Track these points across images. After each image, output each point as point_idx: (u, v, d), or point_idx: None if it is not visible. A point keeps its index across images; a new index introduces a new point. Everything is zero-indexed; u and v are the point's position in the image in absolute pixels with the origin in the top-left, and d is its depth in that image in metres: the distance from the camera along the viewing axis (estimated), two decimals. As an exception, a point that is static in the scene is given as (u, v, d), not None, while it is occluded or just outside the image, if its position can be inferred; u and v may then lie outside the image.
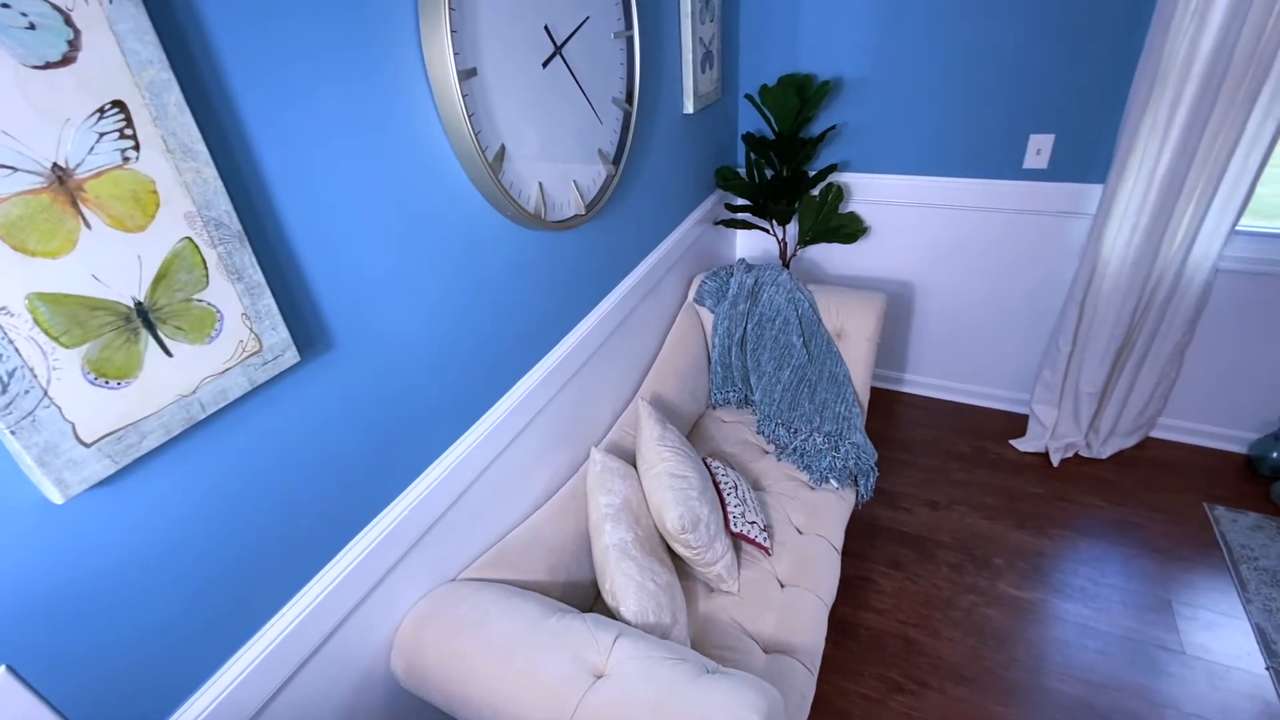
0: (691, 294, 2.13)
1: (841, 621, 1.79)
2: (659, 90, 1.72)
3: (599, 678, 0.96)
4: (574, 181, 1.33)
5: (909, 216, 2.31)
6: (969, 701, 1.57)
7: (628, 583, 1.18)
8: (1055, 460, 2.25)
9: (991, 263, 2.27)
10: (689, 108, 1.89)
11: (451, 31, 0.92)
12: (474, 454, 1.16)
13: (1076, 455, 2.28)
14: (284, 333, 0.76)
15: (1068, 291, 2.10)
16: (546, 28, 1.17)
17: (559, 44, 1.20)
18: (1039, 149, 2.01)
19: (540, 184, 1.21)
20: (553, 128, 1.23)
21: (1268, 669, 1.58)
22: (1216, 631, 1.68)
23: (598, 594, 1.40)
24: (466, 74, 0.97)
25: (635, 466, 1.50)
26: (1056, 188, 2.04)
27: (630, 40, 1.45)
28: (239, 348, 0.72)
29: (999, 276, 2.28)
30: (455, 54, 0.93)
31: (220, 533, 0.77)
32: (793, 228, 2.51)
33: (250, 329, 0.73)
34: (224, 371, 0.71)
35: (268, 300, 0.74)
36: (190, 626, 0.76)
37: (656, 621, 1.16)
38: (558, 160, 1.26)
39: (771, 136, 2.21)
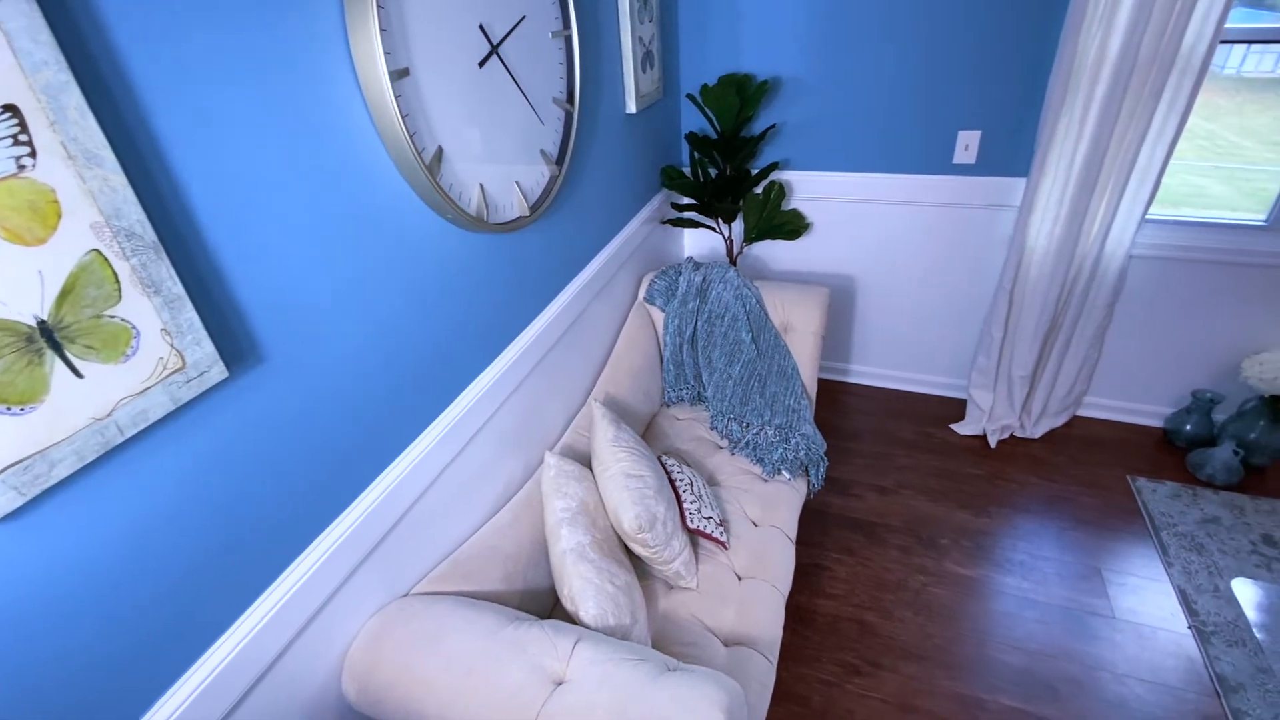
0: (642, 293, 2.14)
1: (798, 609, 1.82)
2: (600, 90, 1.71)
3: (559, 685, 0.95)
4: (516, 183, 1.31)
5: (848, 212, 2.38)
6: (921, 678, 1.63)
7: (586, 586, 1.17)
8: (993, 442, 2.36)
9: (927, 255, 2.36)
10: (631, 108, 1.89)
11: (381, 30, 0.89)
12: (423, 464, 1.13)
13: (1012, 436, 2.40)
14: (209, 347, 0.72)
15: (998, 281, 2.21)
16: (481, 27, 1.14)
17: (495, 43, 1.18)
18: (967, 145, 2.10)
19: (481, 186, 1.19)
20: (492, 128, 1.21)
21: (1190, 628, 1.70)
22: (1143, 595, 1.79)
23: (557, 600, 1.38)
24: (399, 74, 0.94)
25: (591, 468, 1.50)
26: (984, 182, 2.14)
27: (569, 40, 1.44)
28: (159, 365, 0.67)
29: (934, 268, 2.38)
30: (386, 53, 0.90)
31: (150, 560, 0.73)
32: (738, 226, 2.55)
33: (171, 345, 0.68)
34: (143, 391, 0.67)
35: (189, 314, 0.70)
36: (121, 659, 0.71)
37: (617, 623, 1.15)
38: (499, 161, 1.24)
39: (714, 136, 2.24)
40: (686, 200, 2.44)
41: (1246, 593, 1.77)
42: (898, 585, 1.88)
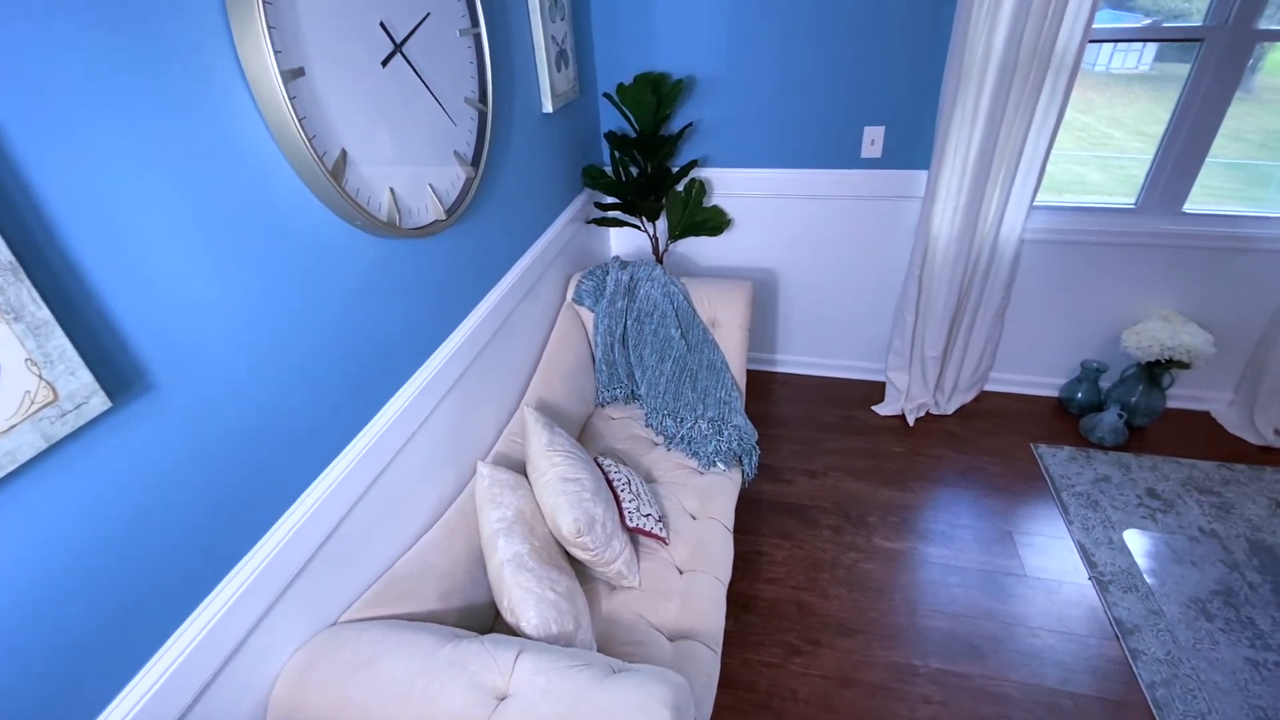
0: (570, 294, 2.12)
1: (740, 596, 1.86)
2: (514, 89, 1.68)
3: (502, 699, 0.93)
4: (430, 186, 1.26)
5: (767, 207, 2.45)
6: (858, 651, 1.70)
7: (526, 596, 1.15)
8: (911, 420, 2.49)
9: (842, 245, 2.46)
10: (548, 107, 1.87)
11: (269, 27, 0.83)
12: (345, 484, 1.08)
13: (928, 413, 2.54)
14: (86, 377, 0.66)
15: (907, 268, 2.33)
16: (383, 24, 1.09)
17: (398, 42, 1.14)
18: (873, 140, 2.20)
19: (392, 190, 1.14)
20: (400, 130, 1.16)
21: (1090, 579, 1.86)
22: (1049, 553, 1.94)
23: (498, 613, 1.35)
24: (292, 74, 0.89)
25: (526, 475, 1.47)
26: (890, 174, 2.25)
27: (478, 38, 1.40)
28: (25, 399, 0.61)
29: (849, 257, 2.48)
30: (276, 51, 0.85)
31: (32, 609, 0.65)
32: (662, 223, 2.57)
33: (39, 376, 0.62)
34: (8, 430, 0.60)
35: (59, 340, 0.63)
36: (-5, 737, 0.63)
37: (560, 631, 1.14)
38: (410, 164, 1.19)
39: (633, 135, 2.24)
40: (610, 199, 2.44)
41: (1137, 542, 1.95)
42: (832, 564, 1.95)
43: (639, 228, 2.42)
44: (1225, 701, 1.53)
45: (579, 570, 1.47)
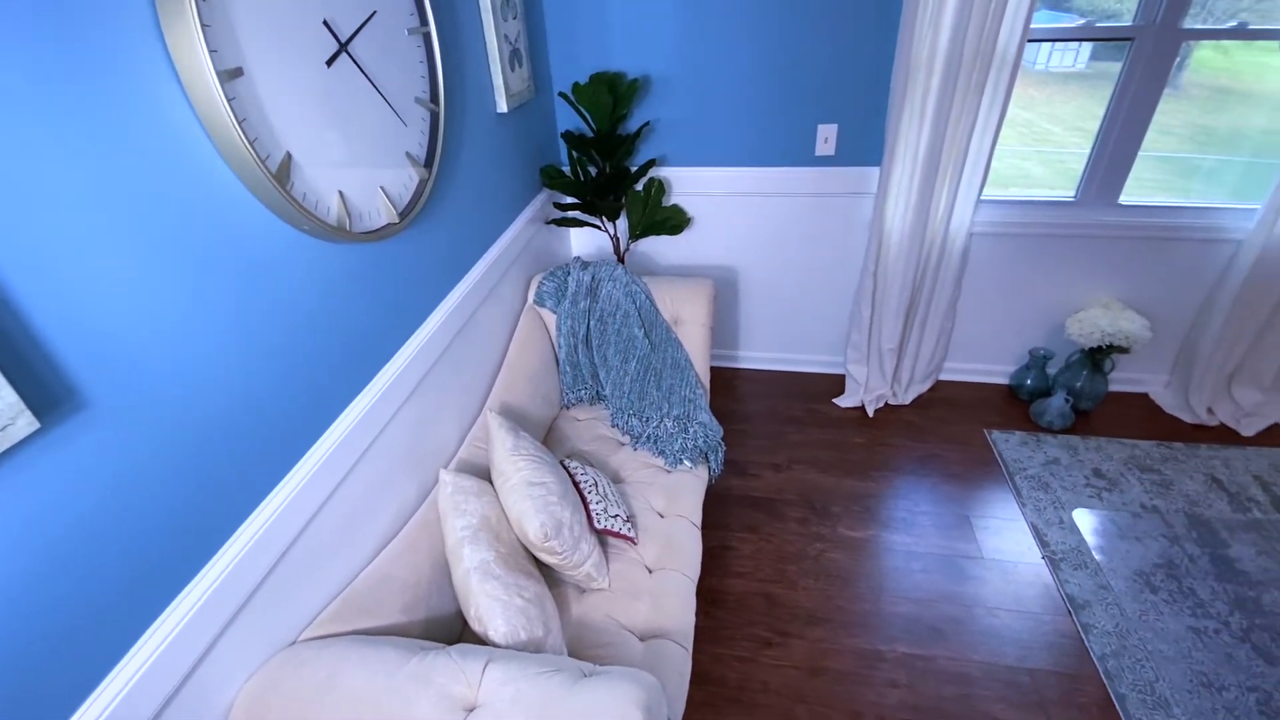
0: (531, 295, 2.10)
1: (710, 592, 1.88)
2: (467, 89, 1.65)
3: (471, 711, 0.91)
4: (382, 188, 1.23)
5: (725, 205, 2.47)
6: (826, 640, 1.73)
7: (493, 604, 1.14)
8: (870, 411, 2.55)
9: (800, 242, 2.50)
10: (503, 107, 1.84)
11: (203, 25, 0.80)
12: (300, 498, 1.04)
13: (886, 404, 2.60)
14: (10, 396, 0.62)
15: (862, 263, 2.38)
16: (326, 22, 1.06)
17: (344, 41, 1.10)
18: (826, 138, 2.24)
19: (341, 193, 1.10)
20: (349, 132, 1.12)
21: (1043, 558, 1.93)
22: (1004, 535, 2.01)
23: (465, 623, 1.33)
24: (230, 74, 0.85)
25: (490, 481, 1.45)
26: (844, 171, 2.29)
27: (427, 37, 1.37)
28: (-58, 424, 0.57)
29: (807, 254, 2.52)
30: (211, 51, 0.81)
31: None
32: (623, 223, 2.57)
33: (-43, 398, 0.58)
34: (-77, 457, 0.56)
35: (-21, 359, 0.59)
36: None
37: (529, 637, 1.12)
38: (359, 166, 1.16)
39: (590, 134, 2.23)
40: (569, 199, 2.42)
41: (1085, 521, 2.04)
42: (798, 555, 1.98)
43: (599, 228, 2.41)
44: (1170, 669, 1.61)
45: (548, 574, 1.45)
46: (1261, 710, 1.52)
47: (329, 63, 1.07)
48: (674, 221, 2.43)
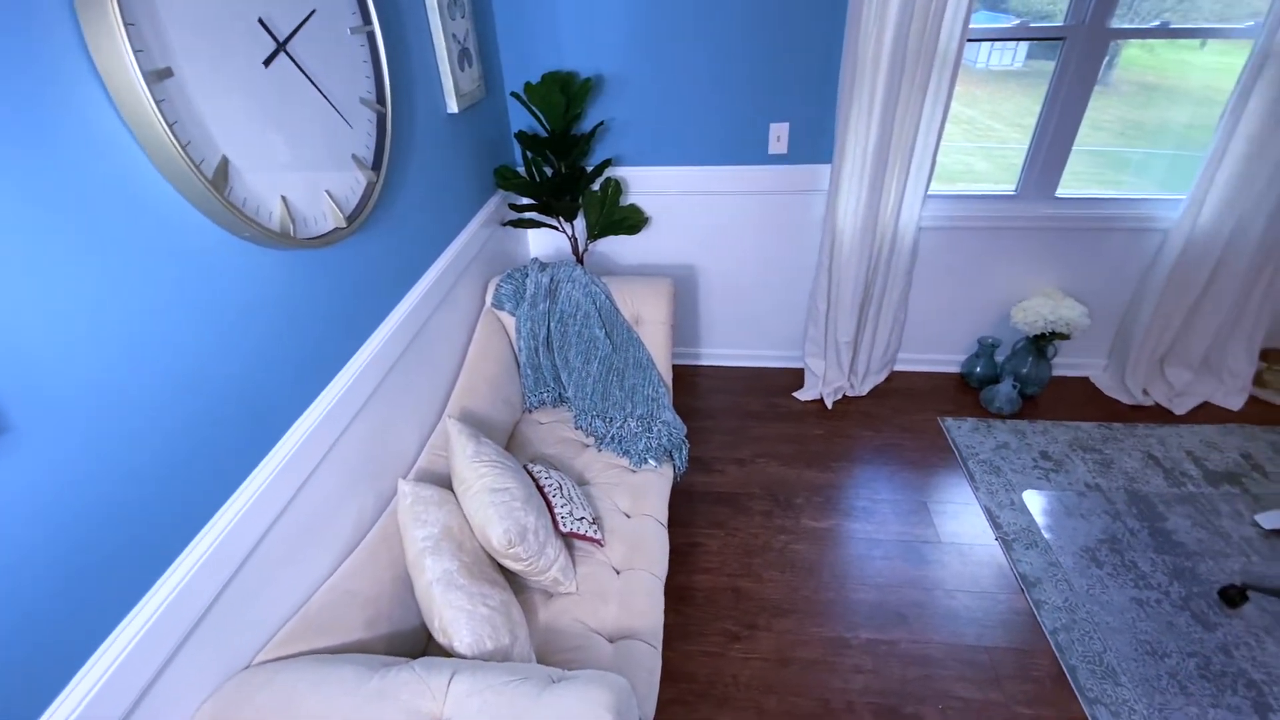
0: (489, 298, 2.07)
1: (677, 589, 1.88)
2: (415, 90, 1.61)
3: (438, 725, 0.89)
4: (327, 192, 1.19)
5: (682, 204, 2.48)
6: (793, 630, 1.76)
7: (458, 615, 1.11)
8: (829, 403, 2.60)
9: (756, 240, 2.53)
10: (453, 107, 1.81)
11: (126, 24, 0.75)
12: (249, 517, 1.00)
13: (844, 396, 2.66)
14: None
15: (817, 259, 2.43)
16: (262, 21, 1.02)
17: (282, 40, 1.06)
18: (778, 136, 2.27)
19: (284, 198, 1.07)
20: (290, 134, 1.09)
21: (996, 539, 2.00)
22: (960, 519, 2.08)
23: (430, 636, 1.30)
24: (157, 75, 0.81)
25: (452, 490, 1.42)
26: (797, 169, 2.33)
27: (371, 36, 1.33)
28: None
29: (764, 251, 2.56)
30: (137, 51, 0.77)
31: None
32: (580, 223, 2.56)
33: None
34: None
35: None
36: None
37: (496, 646, 1.11)
38: (302, 170, 1.12)
39: (544, 134, 2.22)
40: (525, 200, 2.40)
41: (1035, 502, 2.13)
42: (764, 548, 2.01)
43: (557, 228, 2.39)
44: (1116, 639, 1.69)
45: (513, 581, 1.44)
46: (1202, 674, 1.60)
47: (267, 63, 1.03)
48: (632, 221, 2.43)
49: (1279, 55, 1.90)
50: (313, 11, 1.14)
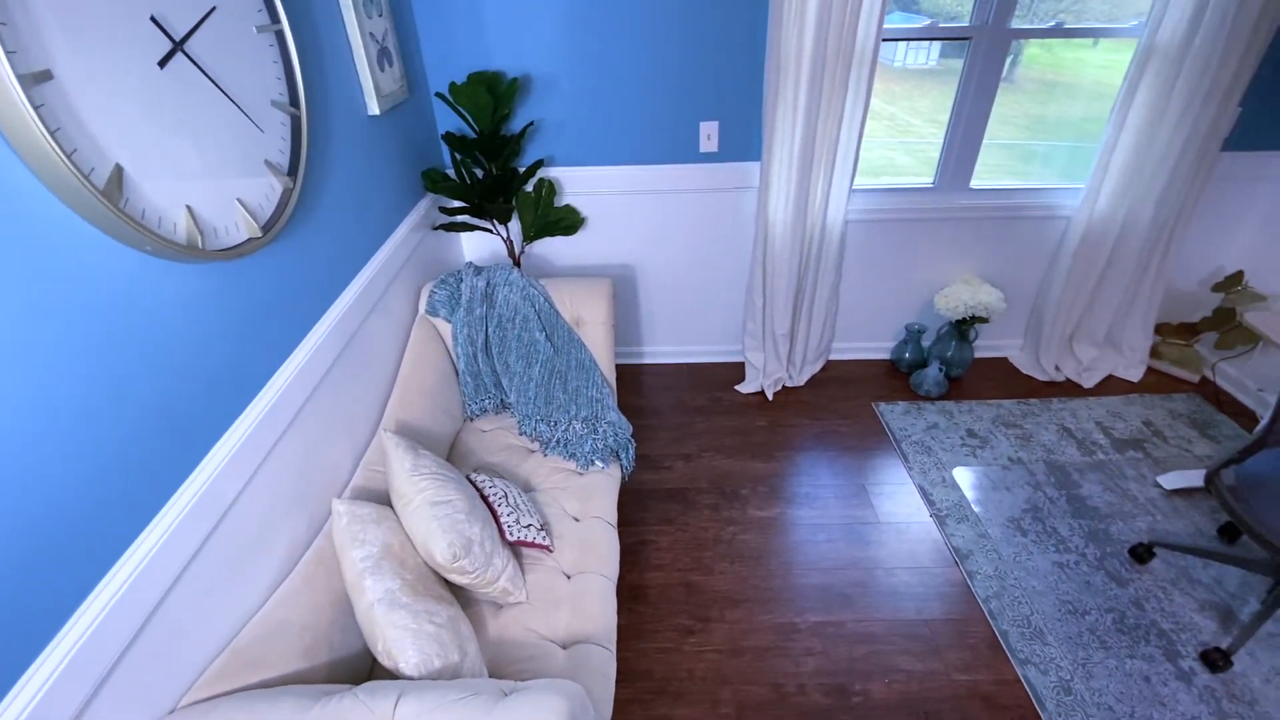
0: (422, 306, 2.01)
1: (631, 588, 1.89)
2: (331, 91, 1.55)
3: (385, 752, 0.86)
4: (239, 200, 1.13)
5: (618, 204, 2.48)
6: (744, 620, 1.79)
7: (403, 634, 1.08)
8: (770, 395, 2.66)
9: (692, 237, 2.56)
10: (374, 109, 1.74)
11: (-6, 23, 0.69)
12: (166, 551, 0.93)
13: (784, 387, 2.73)
14: None
15: (751, 254, 2.47)
16: (155, 19, 0.95)
17: (178, 40, 1.00)
18: (709, 134, 2.30)
19: (190, 208, 1.00)
20: (193, 139, 1.02)
21: (931, 516, 2.10)
22: (896, 499, 2.17)
23: (375, 659, 1.25)
24: (35, 78, 0.74)
25: (391, 506, 1.37)
26: (728, 167, 2.37)
27: (280, 35, 1.27)
28: None
29: (700, 248, 2.59)
30: (9, 53, 0.71)
31: None
32: (515, 226, 2.52)
33: None
34: None
35: None
36: None
37: (444, 664, 1.08)
38: (209, 177, 1.05)
39: (473, 135, 2.17)
40: (456, 203, 2.34)
41: (964, 478, 2.24)
42: (713, 541, 2.04)
43: (491, 231, 2.35)
44: (1041, 602, 1.81)
45: (461, 596, 1.40)
46: (1118, 628, 1.73)
47: (162, 63, 0.96)
48: (568, 222, 2.41)
49: (1160, 53, 2.06)
50: (213, 9, 1.08)
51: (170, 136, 0.97)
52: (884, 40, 2.07)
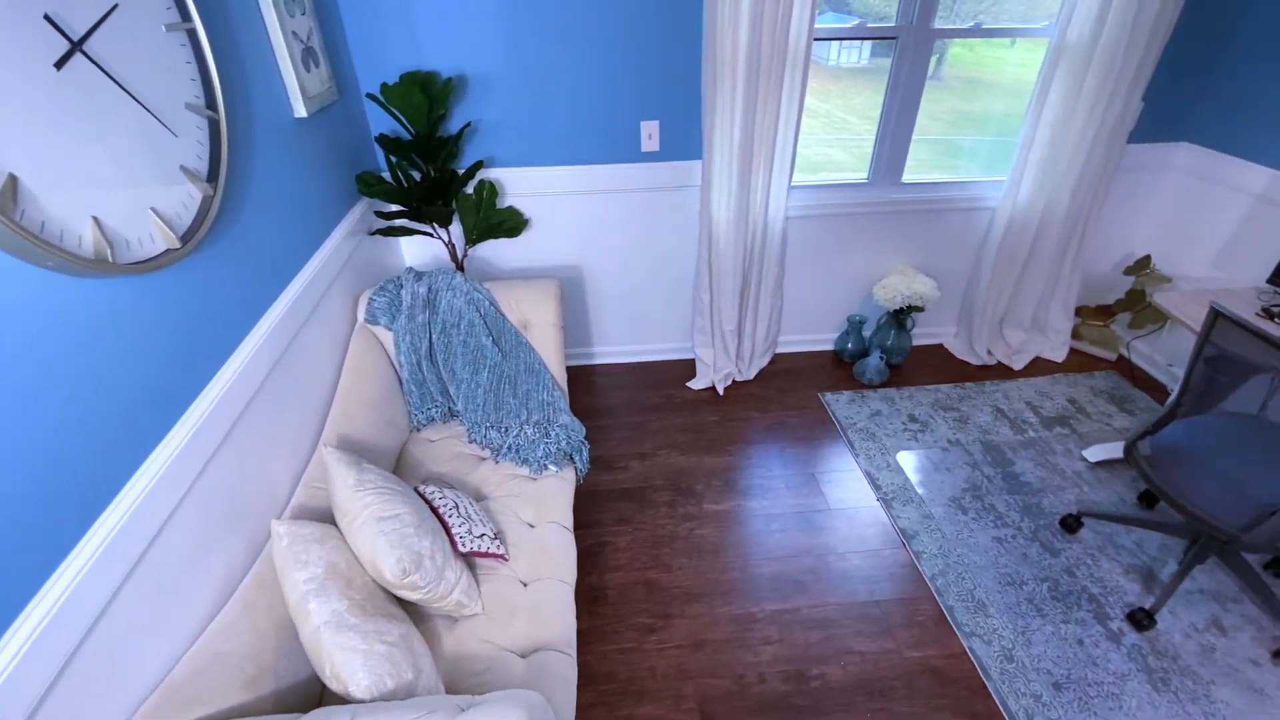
0: (361, 314, 1.94)
1: (590, 591, 1.88)
2: (253, 93, 1.47)
3: (336, 781, 0.83)
4: (153, 210, 1.06)
5: (562, 204, 2.46)
6: (704, 614, 1.81)
7: (352, 656, 1.04)
8: (720, 390, 2.70)
9: (638, 236, 2.56)
10: (301, 111, 1.67)
11: None
12: (86, 584, 0.87)
13: (734, 381, 2.77)
14: None
15: (697, 251, 2.50)
16: (49, 17, 0.88)
17: (76, 39, 0.93)
18: (650, 134, 2.31)
19: (97, 219, 0.93)
20: (97, 145, 0.95)
21: (878, 500, 2.17)
22: (844, 486, 2.23)
23: (325, 684, 1.20)
24: (-94, 81, 0.68)
25: (335, 524, 1.32)
26: (670, 166, 2.38)
27: (193, 34, 1.20)
28: None
29: (647, 247, 2.59)
30: (-128, 53, 0.64)
31: None
32: (457, 229, 2.46)
33: None
34: None
35: None
36: None
37: (397, 684, 1.04)
38: (118, 186, 0.99)
39: (408, 137, 2.11)
40: (394, 207, 2.27)
41: (907, 461, 2.33)
42: (671, 538, 2.05)
43: (432, 235, 2.29)
44: (983, 575, 1.89)
45: (414, 612, 1.36)
46: (1053, 595, 1.83)
47: (59, 65, 0.90)
48: (511, 224, 2.37)
49: (1070, 52, 2.19)
50: (114, 6, 1.01)
51: (72, 143, 0.90)
52: (816, 40, 2.12)
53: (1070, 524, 2.02)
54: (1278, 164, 2.24)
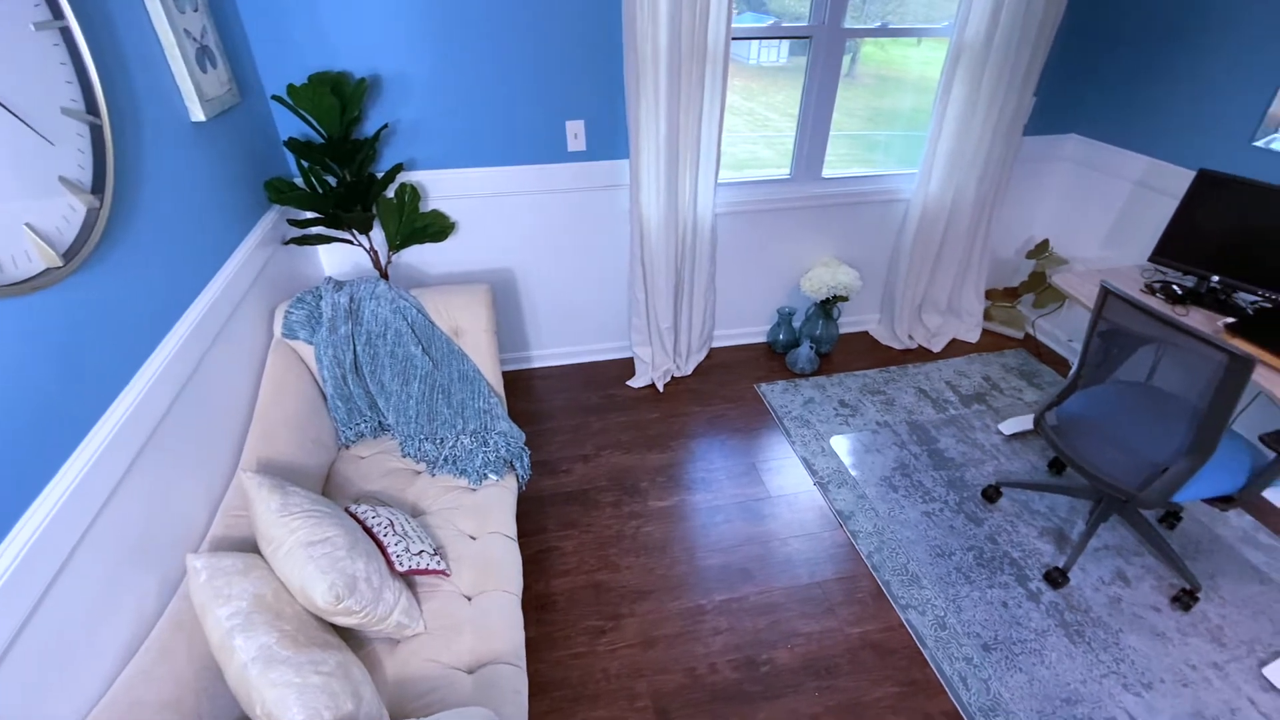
0: (278, 328, 1.83)
1: (538, 598, 1.85)
2: (141, 95, 1.36)
3: (272, 826, 0.78)
4: (28, 225, 0.96)
5: (489, 207, 2.41)
6: (654, 611, 1.82)
7: (285, 692, 0.98)
8: (660, 387, 2.71)
9: (570, 237, 2.54)
10: (198, 115, 1.56)
11: None
12: (-32, 648, 0.78)
13: (673, 378, 2.79)
14: None
15: (629, 250, 2.50)
16: (-115, 13, 0.79)
17: (-79, 37, 0.83)
18: (576, 133, 2.29)
19: (-41, 240, 0.84)
20: (-44, 158, 0.86)
21: (815, 484, 2.24)
22: (784, 473, 2.29)
23: (255, 720, 1.13)
24: None
25: (260, 553, 1.24)
26: (597, 165, 2.38)
27: (68, 33, 1.10)
28: None
29: (579, 247, 2.58)
30: None
31: None
32: (379, 235, 2.37)
33: None
34: None
35: None
36: None
37: (336, 716, 0.99)
38: (-16, 202, 0.89)
39: (320, 140, 2.01)
40: (308, 214, 2.16)
41: (840, 445, 2.41)
42: (617, 537, 2.05)
43: (352, 242, 2.19)
44: (915, 549, 1.99)
45: (351, 638, 1.30)
46: (979, 563, 1.94)
47: (-99, 67, 0.80)
48: (436, 228, 2.30)
49: (969, 50, 2.32)
50: (-33, 1, 0.91)
51: (-79, 154, 0.81)
52: (735, 39, 2.16)
53: (990, 494, 2.16)
54: (1152, 152, 2.46)
